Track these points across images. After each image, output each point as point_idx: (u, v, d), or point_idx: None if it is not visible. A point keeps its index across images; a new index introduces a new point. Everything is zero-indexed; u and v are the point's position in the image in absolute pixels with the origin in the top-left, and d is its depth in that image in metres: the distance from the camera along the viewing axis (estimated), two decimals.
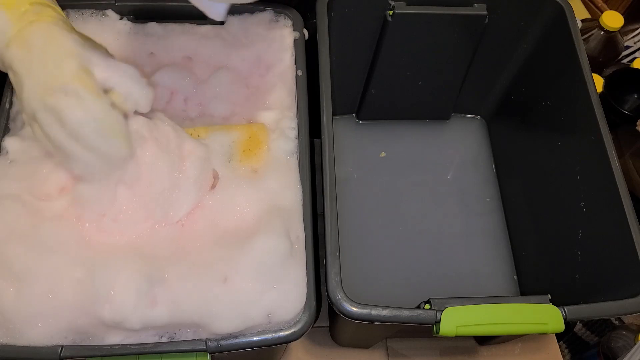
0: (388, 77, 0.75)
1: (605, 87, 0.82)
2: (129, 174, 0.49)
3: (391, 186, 0.79)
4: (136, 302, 0.46)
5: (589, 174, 0.61)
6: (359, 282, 0.70)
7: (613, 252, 0.56)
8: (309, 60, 0.61)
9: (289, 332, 0.48)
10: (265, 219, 0.51)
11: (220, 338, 0.47)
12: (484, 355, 0.69)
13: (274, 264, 0.49)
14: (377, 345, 0.68)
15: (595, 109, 0.60)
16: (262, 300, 0.48)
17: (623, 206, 0.55)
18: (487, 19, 0.68)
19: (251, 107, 0.60)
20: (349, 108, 0.82)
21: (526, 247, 0.73)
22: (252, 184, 0.54)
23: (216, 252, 0.50)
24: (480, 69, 0.77)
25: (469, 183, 0.80)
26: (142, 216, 0.51)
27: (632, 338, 0.69)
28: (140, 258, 0.49)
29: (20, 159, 0.53)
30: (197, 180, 0.52)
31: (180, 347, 0.46)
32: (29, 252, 0.47)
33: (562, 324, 0.50)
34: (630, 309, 0.51)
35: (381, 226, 0.76)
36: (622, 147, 0.79)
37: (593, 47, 0.89)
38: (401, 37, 0.69)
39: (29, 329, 0.46)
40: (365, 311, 0.49)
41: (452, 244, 0.75)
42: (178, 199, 0.51)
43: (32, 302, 0.46)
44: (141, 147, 0.49)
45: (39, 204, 0.50)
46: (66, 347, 0.45)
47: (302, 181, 0.54)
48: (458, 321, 0.49)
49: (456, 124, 0.85)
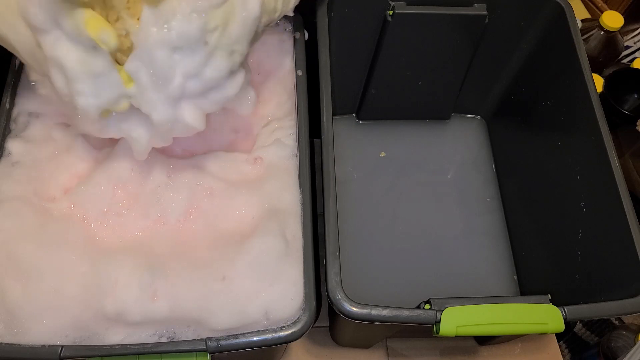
0: (388, 77, 0.75)
1: (605, 87, 0.81)
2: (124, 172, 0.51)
3: (391, 186, 0.79)
4: (138, 295, 0.47)
5: (589, 174, 0.61)
6: (359, 282, 0.70)
7: (613, 252, 0.56)
8: (309, 60, 0.61)
9: (289, 332, 0.48)
10: (263, 221, 0.52)
11: (220, 338, 0.47)
12: (484, 355, 0.69)
13: (271, 263, 0.50)
14: (377, 345, 0.68)
15: (595, 109, 0.60)
16: (260, 298, 0.49)
17: (623, 206, 0.55)
18: (487, 19, 0.68)
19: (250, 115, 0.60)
20: (349, 108, 0.83)
21: (526, 247, 0.73)
22: (251, 187, 0.54)
23: (215, 251, 0.51)
24: (480, 69, 0.77)
25: (469, 183, 0.80)
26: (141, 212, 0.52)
27: (632, 338, 0.69)
28: (143, 254, 0.50)
29: (24, 160, 0.54)
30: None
31: (180, 347, 0.46)
32: (37, 250, 0.48)
33: (562, 324, 0.50)
34: (630, 309, 0.51)
35: (381, 226, 0.76)
36: (622, 147, 0.79)
37: (593, 47, 0.89)
38: (401, 37, 0.69)
39: (35, 325, 0.46)
40: (365, 311, 0.49)
41: (452, 244, 0.75)
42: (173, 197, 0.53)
43: (38, 298, 0.47)
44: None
45: (46, 205, 0.52)
46: (66, 347, 0.46)
47: (302, 181, 0.55)
48: (458, 321, 0.49)
49: (456, 124, 0.85)
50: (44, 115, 0.57)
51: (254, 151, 0.57)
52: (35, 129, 0.56)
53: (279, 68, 0.62)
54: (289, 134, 0.58)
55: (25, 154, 0.54)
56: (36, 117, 0.57)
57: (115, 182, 0.53)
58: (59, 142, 0.56)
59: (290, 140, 0.57)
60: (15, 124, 0.56)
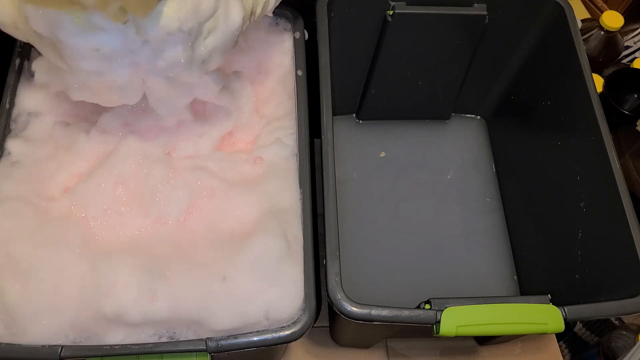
0: (388, 77, 0.75)
1: (605, 87, 0.81)
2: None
3: (391, 186, 0.79)
4: (137, 296, 0.47)
5: (589, 174, 0.61)
6: (359, 282, 0.70)
7: (613, 252, 0.56)
8: (309, 60, 0.61)
9: (289, 332, 0.48)
10: (263, 220, 0.52)
11: (220, 338, 0.47)
12: (484, 355, 0.69)
13: (271, 263, 0.50)
14: (377, 345, 0.68)
15: (595, 109, 0.60)
16: (260, 298, 0.49)
17: (623, 206, 0.55)
18: (487, 19, 0.68)
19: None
20: (349, 108, 0.83)
21: (526, 247, 0.73)
22: (251, 187, 0.54)
23: (215, 251, 0.51)
24: (480, 69, 0.77)
25: (469, 183, 0.80)
26: (141, 212, 0.52)
27: (632, 338, 0.69)
28: (142, 254, 0.50)
29: (23, 160, 0.54)
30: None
31: (180, 347, 0.46)
32: (36, 249, 0.48)
33: (562, 324, 0.50)
34: (630, 309, 0.51)
35: (381, 226, 0.76)
36: (622, 147, 0.79)
37: (593, 47, 0.89)
38: (401, 37, 0.69)
39: (34, 325, 0.46)
40: (365, 311, 0.49)
41: (452, 244, 0.75)
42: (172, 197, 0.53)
43: (38, 298, 0.47)
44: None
45: (45, 204, 0.52)
46: (66, 347, 0.46)
47: (302, 181, 0.55)
48: (458, 321, 0.49)
49: (456, 124, 0.85)
50: (44, 115, 0.57)
51: (254, 151, 0.57)
52: (35, 128, 0.56)
53: (279, 68, 0.62)
54: (289, 134, 0.58)
55: (25, 153, 0.55)
56: (36, 117, 0.57)
57: (117, 179, 0.53)
58: (59, 142, 0.56)
59: (290, 140, 0.57)
60: (15, 123, 0.56)
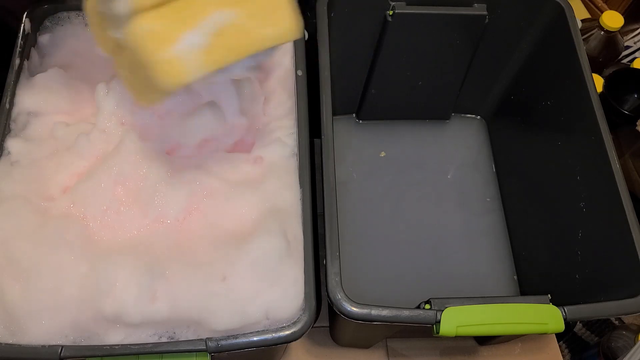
0: (388, 77, 0.75)
1: (605, 87, 0.81)
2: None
3: (391, 186, 0.79)
4: (137, 296, 0.47)
5: (589, 174, 0.61)
6: (359, 282, 0.70)
7: (613, 252, 0.56)
8: (309, 60, 0.61)
9: (289, 332, 0.48)
10: (263, 220, 0.52)
11: (220, 338, 0.47)
12: (484, 355, 0.69)
13: (271, 263, 0.50)
14: (377, 345, 0.68)
15: (595, 109, 0.60)
16: (260, 298, 0.49)
17: (623, 206, 0.55)
18: (487, 19, 0.68)
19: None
20: (349, 108, 0.82)
21: (526, 247, 0.73)
22: (251, 186, 0.54)
23: (215, 251, 0.51)
24: (480, 69, 0.77)
25: (469, 183, 0.80)
26: (141, 211, 0.52)
27: (632, 338, 0.69)
28: (142, 255, 0.50)
29: (23, 160, 0.54)
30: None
31: (180, 347, 0.46)
32: (35, 249, 0.48)
33: (562, 324, 0.50)
34: (630, 309, 0.51)
35: (381, 226, 0.76)
36: (622, 147, 0.79)
37: (593, 47, 0.89)
38: (401, 37, 0.69)
39: (33, 325, 0.46)
40: (365, 311, 0.49)
41: (452, 244, 0.75)
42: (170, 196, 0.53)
43: (37, 297, 0.47)
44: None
45: (45, 204, 0.52)
46: (66, 347, 0.46)
47: (302, 181, 0.54)
48: (458, 321, 0.49)
49: (456, 124, 0.85)
50: (44, 115, 0.57)
51: (254, 150, 0.57)
52: (34, 128, 0.56)
53: (279, 68, 0.62)
54: (290, 133, 0.57)
55: (24, 153, 0.54)
56: (36, 117, 0.57)
57: (116, 178, 0.53)
58: (59, 141, 0.55)
59: (290, 140, 0.57)
60: (15, 123, 0.56)
